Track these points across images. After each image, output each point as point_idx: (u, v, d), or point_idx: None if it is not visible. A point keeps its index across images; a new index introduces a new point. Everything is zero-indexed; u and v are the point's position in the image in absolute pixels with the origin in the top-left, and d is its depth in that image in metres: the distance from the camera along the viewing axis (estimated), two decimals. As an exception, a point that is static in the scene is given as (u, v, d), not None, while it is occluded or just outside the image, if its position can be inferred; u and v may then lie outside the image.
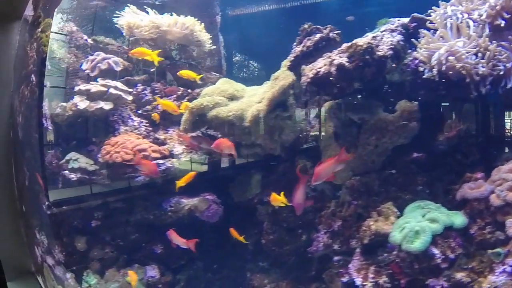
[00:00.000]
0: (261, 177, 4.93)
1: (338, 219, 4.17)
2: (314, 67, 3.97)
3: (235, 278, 4.99)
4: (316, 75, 3.88)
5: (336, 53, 3.87)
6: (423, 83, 3.72)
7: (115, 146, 4.47)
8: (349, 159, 3.64)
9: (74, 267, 4.73)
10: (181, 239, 4.19)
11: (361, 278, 3.55)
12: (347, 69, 3.74)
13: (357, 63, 3.75)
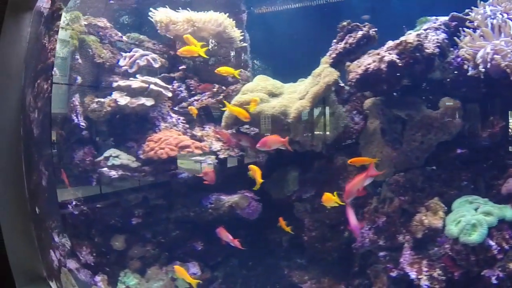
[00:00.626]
0: (298, 174, 4.93)
1: (381, 215, 4.28)
2: (362, 63, 4.05)
3: (272, 274, 5.03)
4: (365, 72, 4.00)
5: (384, 50, 3.97)
6: (466, 80, 3.85)
7: (159, 143, 4.51)
8: (378, 175, 3.81)
9: (107, 269, 4.71)
10: (230, 236, 4.19)
11: (415, 271, 3.66)
12: (398, 66, 3.85)
13: (407, 60, 3.87)
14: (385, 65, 3.87)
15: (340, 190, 4.58)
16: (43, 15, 4.02)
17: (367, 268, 4.34)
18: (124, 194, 4.87)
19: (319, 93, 4.37)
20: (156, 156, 4.44)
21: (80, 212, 4.76)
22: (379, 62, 3.92)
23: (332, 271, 4.68)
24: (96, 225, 4.94)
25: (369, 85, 4.10)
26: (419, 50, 3.87)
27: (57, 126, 4.67)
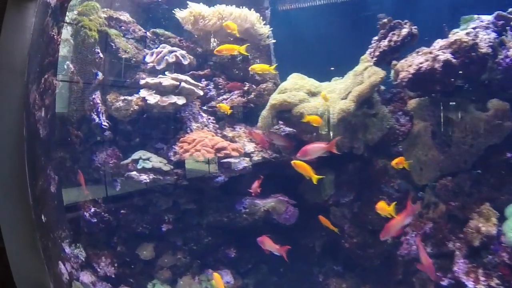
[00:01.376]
0: (334, 177, 4.74)
1: (427, 220, 4.15)
2: (412, 62, 3.90)
3: (305, 281, 4.84)
4: (418, 71, 3.86)
5: (437, 49, 3.80)
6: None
7: (194, 144, 4.25)
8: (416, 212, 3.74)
9: (131, 280, 4.42)
10: (275, 245, 4.04)
11: (472, 281, 3.55)
12: (453, 66, 3.75)
13: (463, 60, 3.76)
14: (440, 64, 3.76)
15: (381, 194, 4.45)
16: (50, 5, 3.71)
17: (412, 276, 4.19)
18: (153, 198, 4.59)
19: (364, 92, 4.22)
20: (192, 159, 4.17)
21: (100, 219, 4.50)
22: (433, 61, 3.80)
23: (371, 279, 4.57)
24: (119, 233, 4.67)
25: (421, 85, 3.97)
26: (474, 49, 3.77)
27: (72, 125, 4.34)
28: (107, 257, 4.59)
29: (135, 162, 4.37)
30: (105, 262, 4.55)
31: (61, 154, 4.35)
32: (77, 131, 4.42)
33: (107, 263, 4.55)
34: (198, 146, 4.33)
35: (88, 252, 4.54)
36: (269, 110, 4.51)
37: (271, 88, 5.17)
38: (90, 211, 4.49)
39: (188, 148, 4.37)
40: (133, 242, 4.67)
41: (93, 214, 4.50)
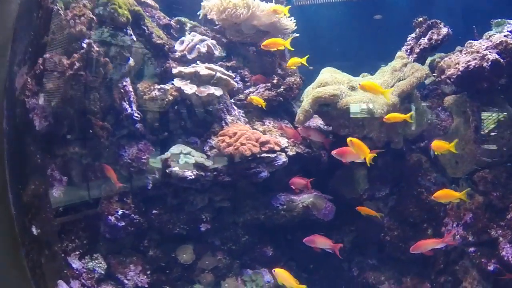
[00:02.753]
0: (367, 171, 4.73)
1: (467, 211, 4.28)
2: (459, 60, 4.11)
3: (337, 277, 4.75)
4: (466, 68, 4.04)
5: (483, 49, 3.98)
6: None
7: (236, 138, 4.04)
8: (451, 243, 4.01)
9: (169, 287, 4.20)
10: (329, 241, 4.06)
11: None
12: (501, 65, 3.95)
13: (509, 60, 3.98)
14: (489, 63, 3.96)
15: (419, 187, 4.50)
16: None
17: (453, 265, 4.36)
18: (188, 196, 4.29)
19: (410, 88, 4.36)
20: (239, 152, 3.97)
21: (129, 222, 4.16)
22: (481, 60, 4.00)
23: (411, 270, 4.66)
24: (151, 236, 4.34)
25: (469, 81, 4.12)
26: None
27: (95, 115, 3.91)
28: (137, 265, 4.29)
29: (175, 157, 4.04)
30: (135, 271, 4.21)
31: (75, 149, 3.90)
32: (102, 121, 3.98)
33: (137, 271, 4.23)
34: (243, 140, 4.11)
35: (111, 261, 4.24)
36: (312, 103, 4.41)
37: (299, 82, 5.06)
38: (116, 214, 4.12)
39: (231, 142, 4.14)
40: (169, 245, 4.38)
41: (120, 217, 4.15)
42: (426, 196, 4.50)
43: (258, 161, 4.27)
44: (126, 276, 4.21)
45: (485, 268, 3.96)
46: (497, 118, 4.29)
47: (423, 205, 4.51)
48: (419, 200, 4.53)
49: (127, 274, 4.22)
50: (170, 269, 4.38)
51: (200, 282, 4.27)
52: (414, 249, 3.89)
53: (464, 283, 4.14)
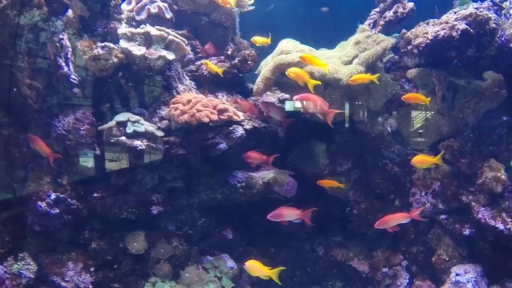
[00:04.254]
0: (326, 146, 4.47)
1: (434, 180, 4.22)
2: (428, 30, 4.07)
3: (300, 258, 4.55)
4: (436, 37, 3.95)
5: (453, 19, 3.99)
6: (506, 57, 4.11)
7: (191, 105, 3.55)
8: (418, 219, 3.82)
9: (117, 285, 3.66)
10: (297, 210, 3.69)
11: (501, 223, 3.69)
12: (471, 35, 3.91)
13: (478, 31, 3.96)
14: (458, 33, 3.88)
15: (384, 159, 4.33)
16: None
17: (424, 235, 4.23)
18: (136, 175, 3.69)
19: (375, 57, 4.16)
20: (195, 120, 3.46)
21: (65, 208, 3.48)
22: (450, 30, 3.92)
23: (380, 244, 4.40)
24: (93, 224, 3.69)
25: (438, 50, 4.02)
26: (487, 23, 3.97)
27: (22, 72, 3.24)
28: (77, 262, 3.61)
29: (121, 126, 3.44)
30: (75, 269, 3.53)
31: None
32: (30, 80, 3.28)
33: (78, 270, 3.56)
34: (199, 106, 3.60)
35: (43, 261, 3.56)
36: (273, 70, 4.03)
37: (255, 54, 4.65)
38: (48, 198, 3.41)
39: (185, 110, 3.62)
40: (115, 234, 3.79)
41: (53, 202, 3.44)
42: (391, 168, 4.30)
43: (215, 132, 3.79)
44: (64, 277, 3.49)
45: (461, 233, 3.88)
46: (463, 88, 4.17)
47: (389, 176, 4.29)
48: (385, 171, 4.30)
49: (65, 275, 3.50)
50: (118, 263, 3.73)
51: (156, 274, 3.66)
52: (379, 225, 3.64)
53: (438, 251, 4.01)
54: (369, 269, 4.21)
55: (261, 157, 4.04)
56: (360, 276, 4.25)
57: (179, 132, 3.76)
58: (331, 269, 4.41)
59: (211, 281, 3.57)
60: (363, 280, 4.25)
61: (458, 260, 3.90)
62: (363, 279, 4.24)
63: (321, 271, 4.47)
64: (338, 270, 4.39)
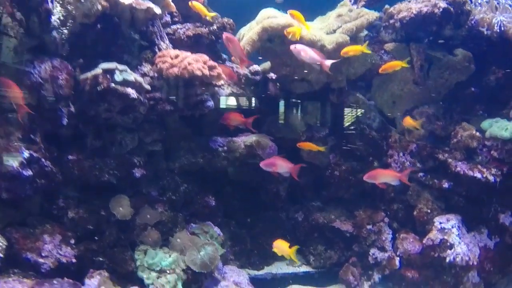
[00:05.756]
0: (304, 114, 4.66)
1: (410, 142, 4.55)
2: (411, 7, 4.43)
3: (276, 226, 4.59)
4: (419, 13, 4.34)
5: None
6: (475, 38, 4.62)
7: (180, 59, 3.48)
8: (405, 182, 4.00)
9: (102, 259, 3.43)
10: (290, 164, 3.78)
11: (478, 172, 4.08)
12: (451, 13, 4.36)
13: (456, 10, 4.42)
14: (440, 10, 4.28)
15: (362, 124, 4.70)
16: None
17: (402, 194, 4.48)
18: (116, 135, 3.52)
19: (360, 28, 4.32)
20: (187, 73, 3.39)
21: (39, 171, 3.20)
22: (433, 7, 4.31)
23: (359, 206, 4.59)
24: (69, 193, 3.51)
25: (420, 24, 4.43)
26: (465, 5, 4.45)
27: None
28: (53, 234, 3.29)
29: (109, 74, 3.23)
30: (52, 242, 3.24)
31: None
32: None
33: (57, 242, 3.25)
34: (190, 60, 3.51)
35: (12, 236, 3.17)
36: (261, 33, 4.03)
37: (233, 23, 4.55)
38: (21, 155, 3.08)
39: (174, 63, 3.50)
40: (94, 201, 3.52)
41: (27, 162, 3.09)
42: (369, 132, 4.55)
43: (204, 92, 3.71)
44: (41, 253, 3.13)
45: (440, 186, 4.22)
46: (438, 60, 4.56)
47: (368, 140, 4.53)
48: (363, 135, 4.54)
49: (42, 249, 3.15)
50: (101, 233, 3.46)
51: (144, 242, 3.43)
52: (368, 177, 3.83)
53: (419, 205, 4.30)
54: (353, 228, 4.38)
55: (240, 118, 4.02)
56: (343, 237, 4.40)
57: (165, 88, 3.64)
58: (312, 234, 4.52)
59: (208, 243, 3.46)
60: (346, 240, 4.40)
61: (438, 212, 4.22)
62: (346, 239, 4.40)
63: (302, 236, 4.56)
64: (319, 234, 4.50)
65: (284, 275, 4.36)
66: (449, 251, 3.96)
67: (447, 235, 4.00)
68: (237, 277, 3.72)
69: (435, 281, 4.10)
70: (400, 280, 4.23)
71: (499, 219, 4.15)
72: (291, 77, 4.45)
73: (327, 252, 4.44)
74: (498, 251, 4.16)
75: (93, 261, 3.37)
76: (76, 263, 3.26)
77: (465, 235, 4.09)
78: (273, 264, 4.51)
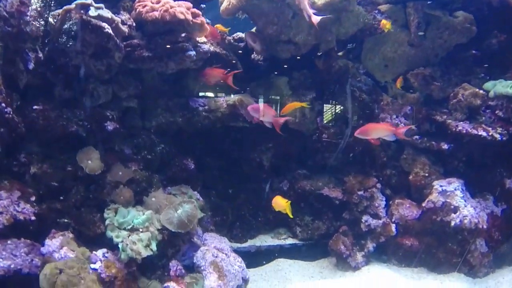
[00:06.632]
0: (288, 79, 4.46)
1: (404, 105, 4.44)
2: None
3: (263, 198, 4.39)
4: None
5: None
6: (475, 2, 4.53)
7: (162, 3, 3.26)
8: (402, 138, 3.81)
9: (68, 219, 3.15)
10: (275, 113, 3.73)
11: (483, 131, 3.96)
12: None
13: None
14: None
15: (353, 87, 4.48)
16: None
17: (394, 159, 4.37)
18: (88, 85, 3.27)
19: None
20: (169, 15, 3.20)
21: None
22: None
23: (347, 172, 4.36)
24: (33, 148, 3.21)
25: None
26: None
27: None
28: (12, 190, 2.97)
29: (83, 9, 2.95)
30: (10, 198, 2.93)
31: None
32: None
33: (14, 199, 2.93)
34: (172, 4, 3.28)
35: None
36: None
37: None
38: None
39: (156, 7, 3.27)
40: (61, 156, 3.20)
41: None
42: (359, 94, 4.34)
43: (185, 38, 3.49)
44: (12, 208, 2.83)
45: (439, 148, 4.07)
46: (436, 20, 4.40)
47: (358, 102, 4.33)
48: (354, 98, 4.33)
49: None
50: (66, 190, 3.14)
51: (115, 201, 3.13)
52: (360, 133, 3.59)
53: (415, 169, 4.13)
54: (342, 195, 4.16)
55: (220, 73, 3.80)
56: (331, 207, 4.21)
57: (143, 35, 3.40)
58: (298, 204, 4.29)
59: (186, 201, 3.17)
60: (334, 210, 4.21)
61: (437, 176, 4.04)
62: (334, 209, 4.20)
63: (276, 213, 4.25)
64: (305, 204, 4.31)
65: (269, 248, 4.15)
66: (453, 215, 3.76)
67: (450, 197, 3.82)
68: (219, 243, 3.47)
69: (438, 249, 3.89)
70: (396, 249, 4.04)
71: (506, 184, 3.98)
72: (277, 38, 4.22)
73: (314, 223, 4.24)
74: (505, 219, 3.98)
75: (57, 223, 3.06)
76: (37, 223, 2.94)
77: (470, 200, 3.90)
78: (257, 237, 4.32)
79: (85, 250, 2.82)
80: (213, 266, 3.06)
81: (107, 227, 2.97)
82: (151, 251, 2.86)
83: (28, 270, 2.73)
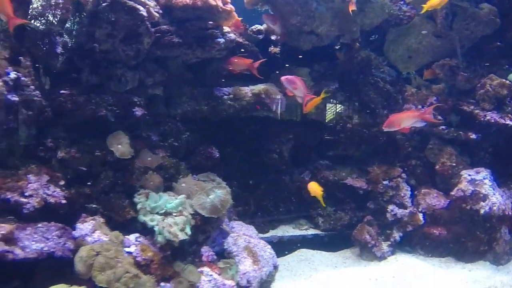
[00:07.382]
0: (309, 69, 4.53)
1: (429, 96, 4.48)
2: None
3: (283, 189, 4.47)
4: None
5: None
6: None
7: None
8: (430, 120, 3.83)
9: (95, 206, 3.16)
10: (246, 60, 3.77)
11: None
12: None
13: None
14: None
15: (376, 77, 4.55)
16: None
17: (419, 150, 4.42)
18: (116, 71, 3.29)
19: None
20: (201, 1, 3.28)
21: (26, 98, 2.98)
22: None
23: (371, 162, 4.42)
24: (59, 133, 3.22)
25: None
26: None
27: None
28: (40, 174, 2.95)
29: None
30: (39, 181, 2.90)
31: None
32: None
33: (43, 182, 2.92)
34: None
35: None
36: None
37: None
38: (6, 76, 2.80)
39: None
40: (89, 141, 3.22)
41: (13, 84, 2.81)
42: (383, 85, 4.40)
43: (214, 25, 3.54)
44: (23, 192, 2.77)
45: (467, 138, 4.13)
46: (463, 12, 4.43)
47: (382, 92, 4.39)
48: (377, 88, 4.40)
49: (25, 189, 2.79)
50: (95, 176, 3.16)
51: (144, 187, 3.15)
52: (387, 125, 3.54)
53: (441, 159, 4.18)
54: (367, 185, 4.20)
55: (245, 61, 3.84)
56: (354, 197, 4.25)
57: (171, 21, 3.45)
58: (320, 194, 4.35)
59: (218, 187, 3.22)
60: (357, 200, 4.25)
61: (464, 166, 4.10)
62: (357, 199, 4.24)
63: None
64: (328, 194, 4.22)
65: (292, 238, 4.19)
66: (482, 203, 3.82)
67: (479, 186, 3.87)
68: (246, 230, 3.51)
69: (467, 237, 3.94)
70: (423, 238, 4.08)
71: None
72: (300, 29, 4.25)
73: (337, 213, 4.27)
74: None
75: (86, 208, 3.08)
76: (67, 207, 2.94)
77: (497, 188, 3.96)
78: (278, 227, 4.36)
79: (118, 234, 2.84)
80: (247, 251, 3.09)
81: (140, 211, 2.99)
82: (186, 235, 2.88)
83: (61, 253, 2.73)
